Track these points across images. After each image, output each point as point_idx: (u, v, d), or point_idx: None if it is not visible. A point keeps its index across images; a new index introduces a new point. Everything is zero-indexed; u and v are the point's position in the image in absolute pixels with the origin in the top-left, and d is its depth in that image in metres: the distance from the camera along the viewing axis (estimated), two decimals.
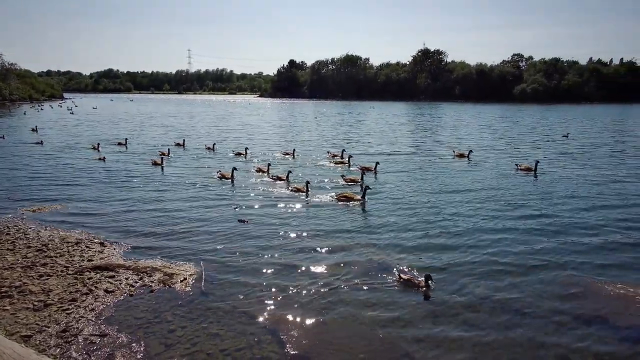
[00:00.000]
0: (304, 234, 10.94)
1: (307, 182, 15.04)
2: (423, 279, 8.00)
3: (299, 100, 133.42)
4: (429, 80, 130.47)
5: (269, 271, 8.75)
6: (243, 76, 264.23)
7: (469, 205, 13.62)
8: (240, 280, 8.30)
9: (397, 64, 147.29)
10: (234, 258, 9.35)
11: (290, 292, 7.89)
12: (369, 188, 14.44)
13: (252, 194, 15.09)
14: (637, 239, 10.66)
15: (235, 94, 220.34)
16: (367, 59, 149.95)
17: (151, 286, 7.93)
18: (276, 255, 9.58)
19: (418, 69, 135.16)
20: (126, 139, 28.33)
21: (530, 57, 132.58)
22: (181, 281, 8.12)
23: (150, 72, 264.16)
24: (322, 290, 7.97)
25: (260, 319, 7.00)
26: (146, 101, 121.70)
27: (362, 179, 16.67)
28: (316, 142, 30.57)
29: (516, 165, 20.03)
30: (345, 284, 8.21)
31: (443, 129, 42.57)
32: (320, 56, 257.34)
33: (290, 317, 7.03)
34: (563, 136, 34.57)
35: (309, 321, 6.95)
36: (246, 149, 23.96)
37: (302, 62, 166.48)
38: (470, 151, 23.37)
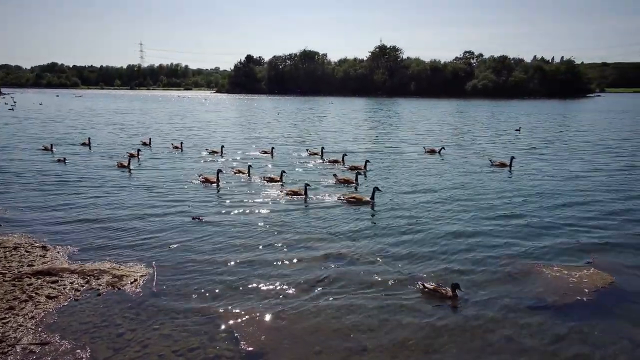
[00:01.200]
0: (276, 234, 10.87)
1: (306, 185, 14.01)
2: (450, 288, 7.55)
3: (256, 95, 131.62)
4: (386, 76, 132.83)
5: (226, 270, 8.62)
6: (199, 71, 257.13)
7: (464, 205, 13.74)
8: (195, 280, 8.11)
9: (355, 60, 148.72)
10: (189, 258, 9.12)
11: (248, 290, 7.82)
12: (379, 189, 13.54)
13: (242, 199, 13.79)
14: (567, 223, 11.49)
15: (191, 89, 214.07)
16: (325, 55, 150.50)
17: (98, 289, 7.59)
18: (236, 254, 9.45)
19: (375, 65, 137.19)
20: (89, 138, 25.86)
21: (481, 55, 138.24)
22: (131, 283, 7.82)
23: (99, 66, 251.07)
24: (280, 287, 7.96)
25: (215, 317, 6.88)
26: (96, 97, 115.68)
27: (356, 179, 15.98)
28: (286, 139, 29.94)
29: (490, 161, 20.32)
30: (303, 280, 8.25)
31: (404, 124, 43.17)
32: (278, 51, 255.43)
33: (246, 315, 6.97)
34: (515, 130, 36.19)
35: (265, 317, 6.92)
36: (222, 146, 22.53)
37: (259, 57, 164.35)
38: (442, 148, 23.58)
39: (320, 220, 11.67)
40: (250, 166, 17.24)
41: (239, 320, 6.82)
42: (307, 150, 23.19)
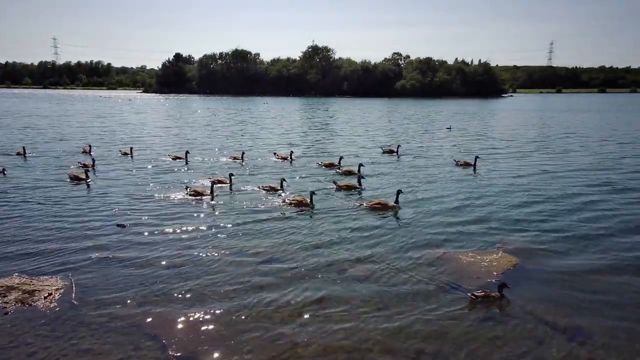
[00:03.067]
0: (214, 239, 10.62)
1: (312, 193, 13.10)
2: (496, 289, 7.65)
3: (187, 95, 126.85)
4: (319, 76, 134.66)
5: (154, 277, 8.32)
6: (123, 70, 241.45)
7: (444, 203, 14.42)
8: (120, 289, 7.76)
9: (288, 59, 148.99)
10: (113, 267, 8.68)
11: (176, 296, 7.63)
12: (401, 192, 13.20)
13: (239, 213, 12.42)
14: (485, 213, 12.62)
15: (115, 89, 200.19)
16: (258, 54, 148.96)
17: (5, 307, 6.97)
18: (162, 259, 9.15)
19: (308, 65, 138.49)
20: (24, 147, 22.13)
21: (408, 56, 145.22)
22: (45, 297, 7.29)
23: (4, 62, 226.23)
24: (210, 289, 7.87)
25: (142, 326, 6.66)
26: (1, 97, 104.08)
27: (360, 184, 15.38)
28: (240, 142, 28.46)
29: (455, 160, 20.76)
30: (232, 280, 8.22)
31: (346, 123, 43.66)
32: (209, 50, 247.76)
33: (174, 320, 6.82)
34: (447, 128, 38.32)
35: (194, 321, 6.82)
36: (187, 152, 20.73)
37: (189, 55, 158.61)
38: (399, 146, 24.06)
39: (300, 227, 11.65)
40: (231, 175, 15.64)
41: (167, 326, 6.65)
42: (274, 154, 21.86)
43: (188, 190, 14.16)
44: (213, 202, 13.53)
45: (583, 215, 12.36)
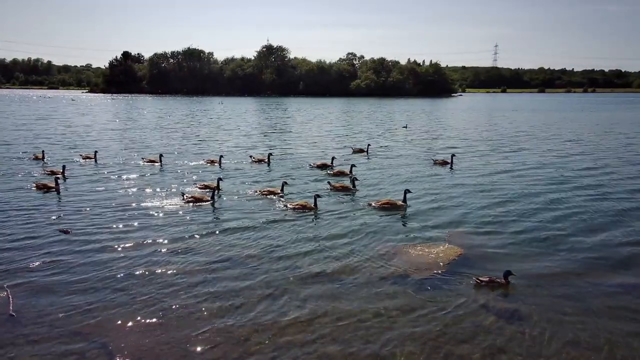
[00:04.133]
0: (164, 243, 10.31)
1: (317, 196, 12.91)
2: (502, 276, 8.08)
3: (137, 95, 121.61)
4: (274, 75, 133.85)
5: (98, 284, 8.03)
6: (66, 68, 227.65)
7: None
8: (62, 298, 7.42)
9: (242, 59, 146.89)
10: (57, 276, 8.29)
11: (125, 300, 7.42)
12: (409, 191, 13.47)
13: (243, 218, 12.09)
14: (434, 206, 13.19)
15: (57, 88, 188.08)
16: (211, 53, 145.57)
17: None
18: (112, 266, 8.84)
19: (263, 64, 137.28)
20: None
21: (362, 56, 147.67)
22: None
23: None
24: (156, 295, 7.71)
25: (87, 334, 6.42)
26: None
27: (354, 185, 15.28)
28: (208, 144, 27.42)
29: (432, 159, 21.12)
30: (184, 283, 8.10)
31: (306, 124, 43.27)
32: (159, 49, 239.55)
33: (121, 327, 6.63)
34: (403, 127, 39.29)
35: (143, 326, 6.68)
36: (160, 155, 19.97)
37: (138, 54, 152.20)
38: (369, 145, 24.25)
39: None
40: (220, 179, 15.06)
41: (113, 333, 6.47)
42: (250, 157, 21.17)
43: (185, 196, 13.54)
44: (210, 207, 13.18)
45: (525, 207, 13.24)
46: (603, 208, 13.25)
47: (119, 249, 9.66)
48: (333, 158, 19.91)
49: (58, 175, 16.10)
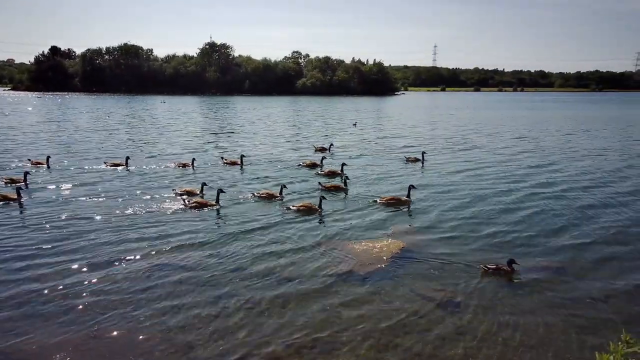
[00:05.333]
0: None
1: (322, 197, 12.82)
2: (506, 263, 8.66)
3: (69, 94, 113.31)
4: (218, 74, 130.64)
5: (28, 296, 7.51)
6: None
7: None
8: None
9: (185, 56, 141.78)
10: None
11: (55, 313, 7.01)
12: (414, 187, 13.90)
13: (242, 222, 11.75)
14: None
15: None
16: (151, 50, 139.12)
17: None
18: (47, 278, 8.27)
19: (206, 62, 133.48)
20: None
21: (307, 55, 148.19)
22: None
23: None
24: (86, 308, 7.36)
25: (8, 354, 6.01)
26: None
27: (345, 184, 15.38)
28: (159, 146, 25.99)
29: (405, 157, 21.58)
30: (124, 291, 7.80)
31: (255, 124, 41.90)
32: (93, 44, 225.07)
33: (51, 341, 6.29)
34: (353, 125, 39.93)
35: (74, 338, 6.36)
36: (127, 158, 19.16)
37: (69, 49, 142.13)
38: (332, 144, 24.35)
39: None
40: (204, 184, 14.60)
41: (45, 348, 6.11)
42: (222, 158, 20.57)
43: (187, 201, 12.97)
44: (214, 211, 12.75)
45: (464, 201, 14.08)
46: (550, 202, 14.39)
47: (126, 263, 9.06)
48: (323, 158, 20.00)
49: (20, 184, 14.70)
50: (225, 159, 20.29)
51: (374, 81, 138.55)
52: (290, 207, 12.89)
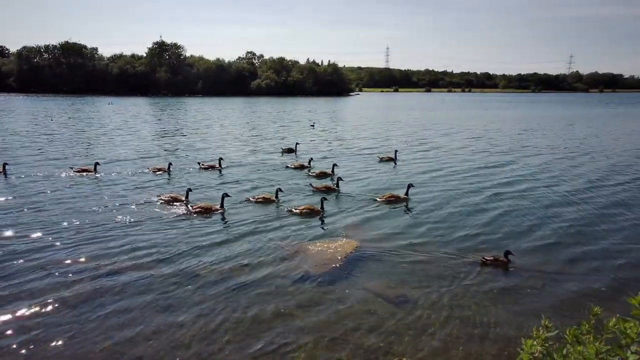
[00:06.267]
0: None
1: (323, 199, 13.00)
2: (503, 255, 9.27)
3: (3, 94, 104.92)
4: (169, 74, 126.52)
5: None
6: None
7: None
8: None
9: (133, 56, 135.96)
10: None
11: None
12: (412, 185, 14.64)
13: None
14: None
15: None
16: (95, 49, 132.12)
17: None
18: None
19: (156, 62, 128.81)
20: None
21: (262, 55, 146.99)
22: None
23: None
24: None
25: None
26: None
27: (337, 185, 15.46)
28: (113, 150, 24.43)
29: (379, 157, 22.07)
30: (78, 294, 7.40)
31: (210, 127, 40.14)
32: (29, 42, 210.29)
33: None
34: (311, 126, 40.08)
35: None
36: (96, 163, 18.15)
37: (2, 47, 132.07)
38: (297, 144, 24.43)
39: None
40: (189, 189, 14.03)
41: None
42: (198, 163, 19.83)
43: (192, 207, 12.74)
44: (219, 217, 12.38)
45: (425, 197, 14.56)
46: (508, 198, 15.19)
47: (135, 279, 8.43)
48: (310, 159, 20.01)
49: None
50: (202, 163, 19.72)
51: (329, 82, 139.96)
52: (293, 209, 12.91)
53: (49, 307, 7.38)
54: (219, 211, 12.77)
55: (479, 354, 6.39)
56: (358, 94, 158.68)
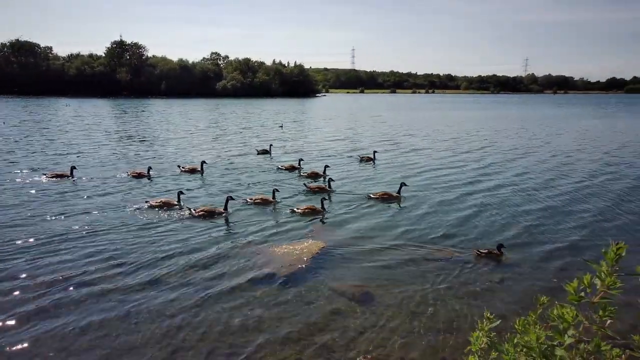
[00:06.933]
0: None
1: (323, 199, 13.31)
2: (496, 248, 9.78)
3: None
4: (130, 75, 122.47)
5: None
6: None
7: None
8: None
9: (91, 55, 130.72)
10: None
11: None
12: (405, 184, 14.94)
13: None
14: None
15: None
16: (49, 48, 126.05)
17: None
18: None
19: (116, 62, 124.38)
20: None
21: (227, 56, 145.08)
22: None
23: None
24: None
25: None
26: None
27: (329, 186, 15.76)
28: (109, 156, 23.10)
29: (359, 157, 22.60)
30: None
31: (178, 128, 39.21)
32: None
33: None
34: (279, 127, 39.86)
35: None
36: (72, 168, 17.38)
37: None
38: (271, 145, 24.45)
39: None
40: (180, 192, 13.88)
41: None
42: (179, 166, 19.38)
43: (195, 211, 12.55)
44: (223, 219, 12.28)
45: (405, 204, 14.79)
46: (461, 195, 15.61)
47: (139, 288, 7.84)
48: (300, 160, 20.12)
49: None
50: (183, 167, 19.27)
51: (296, 83, 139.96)
52: (295, 210, 13.02)
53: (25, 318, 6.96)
54: (223, 214, 12.68)
55: (441, 348, 6.56)
56: (325, 95, 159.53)
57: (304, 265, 9.28)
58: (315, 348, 6.48)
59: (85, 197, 14.60)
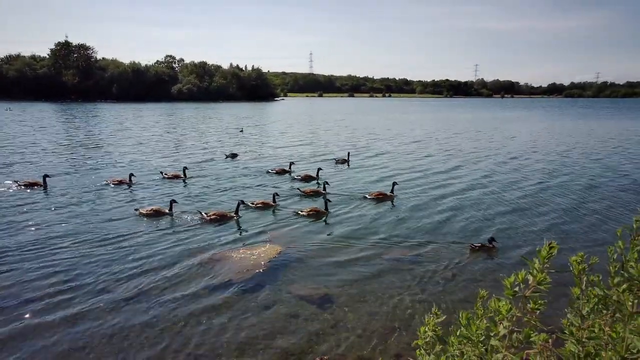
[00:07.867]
0: None
1: (327, 200, 13.64)
2: (488, 241, 10.34)
3: None
4: (78, 78, 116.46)
5: None
6: None
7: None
8: None
9: (34, 57, 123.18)
10: None
11: None
12: (396, 183, 15.64)
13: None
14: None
15: None
16: None
17: None
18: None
19: (61, 64, 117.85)
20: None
21: (182, 59, 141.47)
22: None
23: None
24: None
25: None
26: None
27: (324, 188, 15.94)
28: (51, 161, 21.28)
29: (335, 159, 23.13)
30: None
31: (132, 133, 37.49)
32: None
33: None
34: (240, 131, 39.34)
35: None
36: (45, 176, 16.47)
37: None
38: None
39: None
40: (173, 201, 13.37)
41: None
42: (161, 172, 18.84)
43: (207, 214, 12.47)
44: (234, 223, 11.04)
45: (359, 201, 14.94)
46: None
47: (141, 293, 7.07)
48: (291, 163, 20.27)
49: None
50: (166, 173, 18.73)
51: (254, 87, 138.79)
52: (299, 212, 13.15)
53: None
54: (234, 218, 12.69)
55: (397, 345, 6.72)
56: (283, 99, 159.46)
57: (260, 270, 9.22)
58: (272, 352, 6.45)
59: (54, 208, 13.69)
